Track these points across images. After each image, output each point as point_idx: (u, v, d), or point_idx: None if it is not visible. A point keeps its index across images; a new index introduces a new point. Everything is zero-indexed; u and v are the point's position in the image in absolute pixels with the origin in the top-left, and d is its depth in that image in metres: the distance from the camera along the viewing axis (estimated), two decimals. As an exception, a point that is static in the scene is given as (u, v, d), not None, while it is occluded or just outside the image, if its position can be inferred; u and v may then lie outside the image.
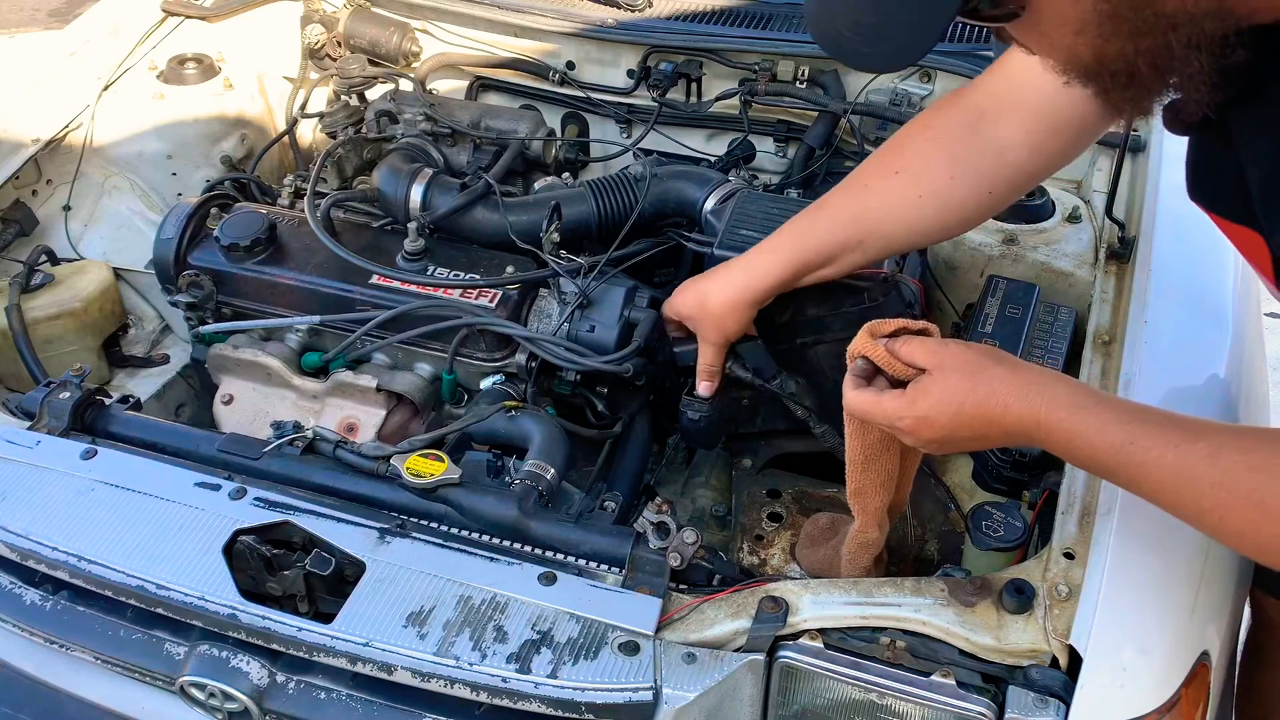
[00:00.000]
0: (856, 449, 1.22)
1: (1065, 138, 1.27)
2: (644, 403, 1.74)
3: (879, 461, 1.22)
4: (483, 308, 1.65)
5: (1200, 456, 0.96)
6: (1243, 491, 0.93)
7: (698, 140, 2.23)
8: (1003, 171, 1.30)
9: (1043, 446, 1.08)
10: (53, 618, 1.30)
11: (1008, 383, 1.06)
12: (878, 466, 1.22)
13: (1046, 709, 1.05)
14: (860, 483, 1.25)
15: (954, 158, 1.30)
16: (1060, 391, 1.05)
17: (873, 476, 1.23)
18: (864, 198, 1.37)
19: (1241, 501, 0.93)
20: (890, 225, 1.36)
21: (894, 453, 1.22)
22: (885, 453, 1.22)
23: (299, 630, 1.18)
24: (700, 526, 1.34)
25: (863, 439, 1.21)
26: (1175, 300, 1.43)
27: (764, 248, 1.41)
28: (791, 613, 1.14)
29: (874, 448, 1.21)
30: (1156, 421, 1.01)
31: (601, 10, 2.21)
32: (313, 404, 1.73)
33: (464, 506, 1.32)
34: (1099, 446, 1.01)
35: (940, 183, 1.31)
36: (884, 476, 1.24)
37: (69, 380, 1.48)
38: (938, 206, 1.33)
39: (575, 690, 1.10)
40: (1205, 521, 0.98)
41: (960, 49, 2.03)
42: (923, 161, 1.32)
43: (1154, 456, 0.98)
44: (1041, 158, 1.30)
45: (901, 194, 1.33)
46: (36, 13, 5.51)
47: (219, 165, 2.18)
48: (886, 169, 1.36)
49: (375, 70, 2.27)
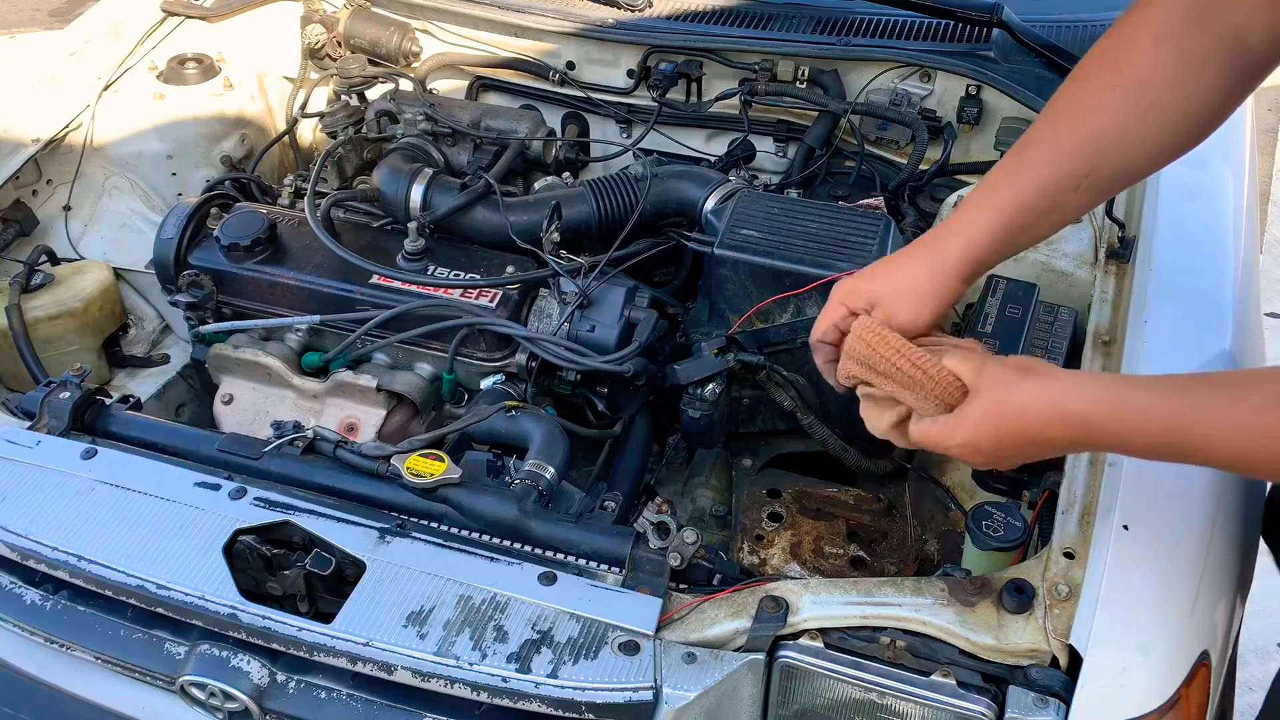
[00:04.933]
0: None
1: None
2: (644, 403, 1.74)
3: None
4: (483, 308, 1.65)
5: (1260, 407, 0.91)
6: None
7: (698, 140, 2.23)
8: (1245, 60, 1.10)
9: (1100, 449, 1.05)
10: (53, 618, 1.30)
11: (1040, 398, 1.01)
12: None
13: (1046, 709, 1.05)
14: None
15: (1187, 55, 1.09)
16: (1095, 392, 1.01)
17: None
18: (1086, 120, 1.11)
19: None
20: (1125, 148, 1.12)
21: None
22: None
23: (299, 630, 1.18)
24: (700, 526, 1.35)
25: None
26: (1175, 300, 1.42)
27: (968, 203, 1.16)
28: (791, 612, 1.14)
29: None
30: (1202, 390, 0.96)
31: (601, 10, 2.21)
32: (313, 404, 1.73)
33: (464, 506, 1.33)
34: (1153, 436, 0.97)
35: (1180, 87, 1.10)
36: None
37: (69, 380, 1.48)
38: (1179, 115, 1.11)
39: (575, 690, 1.10)
40: (1266, 471, 0.96)
41: (960, 49, 2.03)
42: (1150, 66, 1.10)
43: (1211, 426, 0.93)
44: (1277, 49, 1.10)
45: (1133, 107, 1.10)
46: (36, 13, 5.51)
47: (219, 165, 2.18)
48: (1103, 84, 1.12)
49: (375, 70, 2.27)
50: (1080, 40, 1.99)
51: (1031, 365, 1.05)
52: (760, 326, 1.60)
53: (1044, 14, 2.04)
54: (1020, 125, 1.96)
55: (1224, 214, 1.59)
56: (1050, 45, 1.95)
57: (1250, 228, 1.67)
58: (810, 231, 1.61)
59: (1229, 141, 1.75)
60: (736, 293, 1.62)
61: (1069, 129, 1.12)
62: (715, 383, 1.56)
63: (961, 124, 2.03)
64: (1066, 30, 2.02)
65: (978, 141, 2.05)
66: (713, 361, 1.56)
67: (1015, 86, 1.94)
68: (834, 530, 1.55)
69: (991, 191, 1.14)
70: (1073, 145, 1.12)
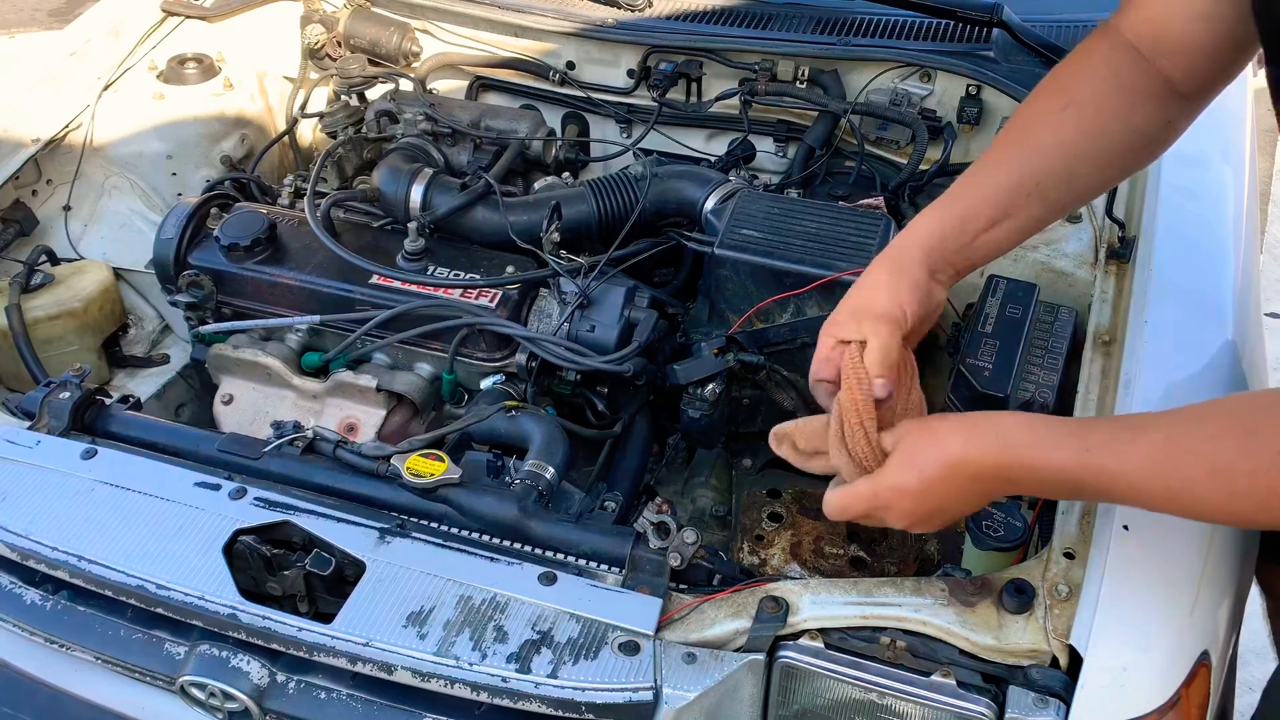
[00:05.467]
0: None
1: (1220, 61, 1.18)
2: (644, 403, 1.74)
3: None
4: (483, 308, 1.65)
5: (1158, 444, 0.97)
6: (1205, 462, 0.94)
7: (698, 140, 2.23)
8: (1176, 103, 1.21)
9: (1014, 488, 1.08)
10: (53, 618, 1.30)
11: (955, 430, 1.06)
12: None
13: (1047, 709, 1.05)
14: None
15: (1129, 89, 1.19)
16: (1008, 423, 1.06)
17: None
18: (1033, 135, 1.21)
19: (1205, 472, 0.94)
20: (1072, 162, 1.20)
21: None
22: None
23: (299, 630, 1.18)
24: (700, 526, 1.35)
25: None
26: (1175, 300, 1.42)
27: (924, 210, 1.23)
28: (792, 613, 1.14)
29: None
30: (1107, 426, 1.02)
31: (601, 10, 2.21)
32: (313, 404, 1.73)
33: (464, 506, 1.33)
34: (1060, 465, 1.01)
35: (1122, 113, 1.19)
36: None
37: (69, 380, 1.48)
38: (1124, 137, 1.21)
39: (575, 690, 1.10)
40: (1179, 503, 0.98)
41: (960, 49, 2.03)
42: (1093, 93, 1.19)
43: (1114, 458, 0.98)
44: (1207, 88, 1.21)
45: (1080, 126, 1.19)
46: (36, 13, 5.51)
47: (219, 165, 2.18)
48: (1050, 106, 1.21)
49: (375, 70, 2.27)
50: (1080, 40, 1.98)
51: (954, 414, 1.10)
52: (760, 326, 1.60)
53: (1044, 14, 2.04)
54: (1020, 125, 1.95)
55: (1224, 214, 1.59)
56: (1050, 45, 1.95)
57: (1250, 228, 1.67)
58: (810, 231, 1.61)
59: (1229, 141, 1.75)
60: (736, 293, 1.62)
61: (1019, 142, 1.21)
62: (715, 383, 1.56)
63: (961, 124, 2.03)
64: (1066, 30, 2.02)
65: (978, 141, 2.05)
66: (713, 361, 1.56)
67: (1015, 86, 1.94)
68: (834, 530, 1.55)
69: (946, 197, 1.22)
70: (1021, 157, 1.20)
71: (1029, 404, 1.44)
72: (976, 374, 1.46)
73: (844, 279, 1.52)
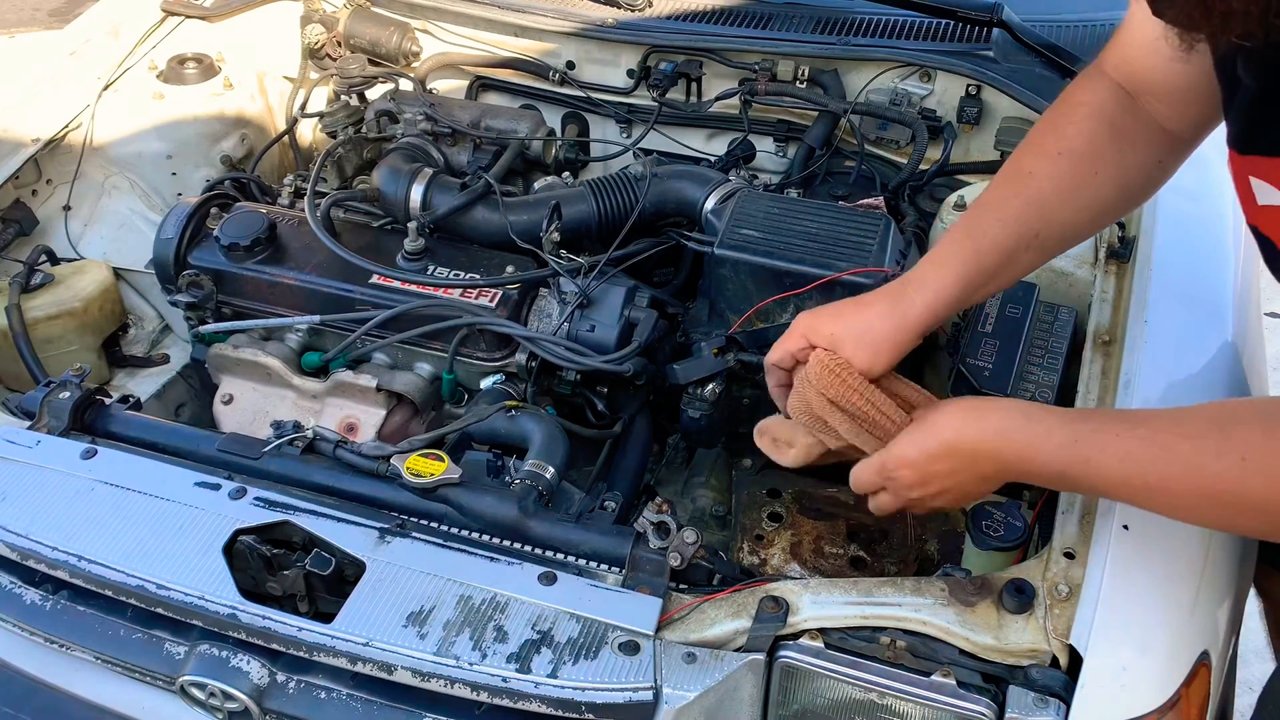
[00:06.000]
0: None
1: (1203, 102, 1.18)
2: (644, 403, 1.74)
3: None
4: (483, 307, 1.65)
5: (1140, 439, 1.00)
6: (1180, 461, 0.98)
7: (698, 140, 2.23)
8: (1168, 142, 1.23)
9: (1011, 474, 1.12)
10: (53, 618, 1.30)
11: (955, 412, 1.13)
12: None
13: (1047, 709, 1.05)
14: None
15: (1121, 133, 1.21)
16: (1007, 409, 1.11)
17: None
18: (1031, 184, 1.23)
19: (1180, 471, 0.98)
20: (1069, 212, 1.23)
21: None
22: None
23: (299, 630, 1.18)
24: (700, 526, 1.34)
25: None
26: (1175, 300, 1.43)
27: (930, 261, 1.25)
28: (792, 613, 1.14)
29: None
30: (1098, 418, 1.07)
31: (601, 10, 2.21)
32: (313, 404, 1.73)
33: (464, 506, 1.32)
34: (1048, 453, 1.06)
35: (1115, 157, 1.21)
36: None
37: (69, 380, 1.48)
38: (1118, 180, 1.23)
39: (575, 690, 1.10)
40: (1156, 500, 1.02)
41: (960, 49, 2.03)
42: (1087, 139, 1.21)
43: (1098, 450, 1.02)
44: (1196, 127, 1.22)
45: (1076, 174, 1.21)
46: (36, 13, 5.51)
47: (219, 165, 2.18)
48: (1048, 151, 1.23)
49: (375, 70, 2.27)
50: (1080, 40, 1.99)
51: (977, 405, 1.15)
52: (760, 326, 1.60)
53: (1044, 14, 2.04)
54: (1020, 125, 1.96)
55: (1224, 214, 1.59)
56: (1050, 45, 1.95)
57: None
58: (810, 231, 1.61)
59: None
60: (736, 293, 1.62)
61: (1019, 194, 1.23)
62: (715, 383, 1.56)
63: (961, 124, 2.03)
64: (1066, 30, 2.02)
65: (978, 141, 2.05)
66: (713, 361, 1.56)
67: (1015, 86, 1.94)
68: (834, 530, 1.55)
69: (952, 250, 1.24)
70: (1021, 210, 1.23)
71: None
72: (976, 374, 1.46)
73: (844, 279, 1.52)
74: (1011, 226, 1.22)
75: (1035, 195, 1.22)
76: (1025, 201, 1.22)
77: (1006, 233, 1.22)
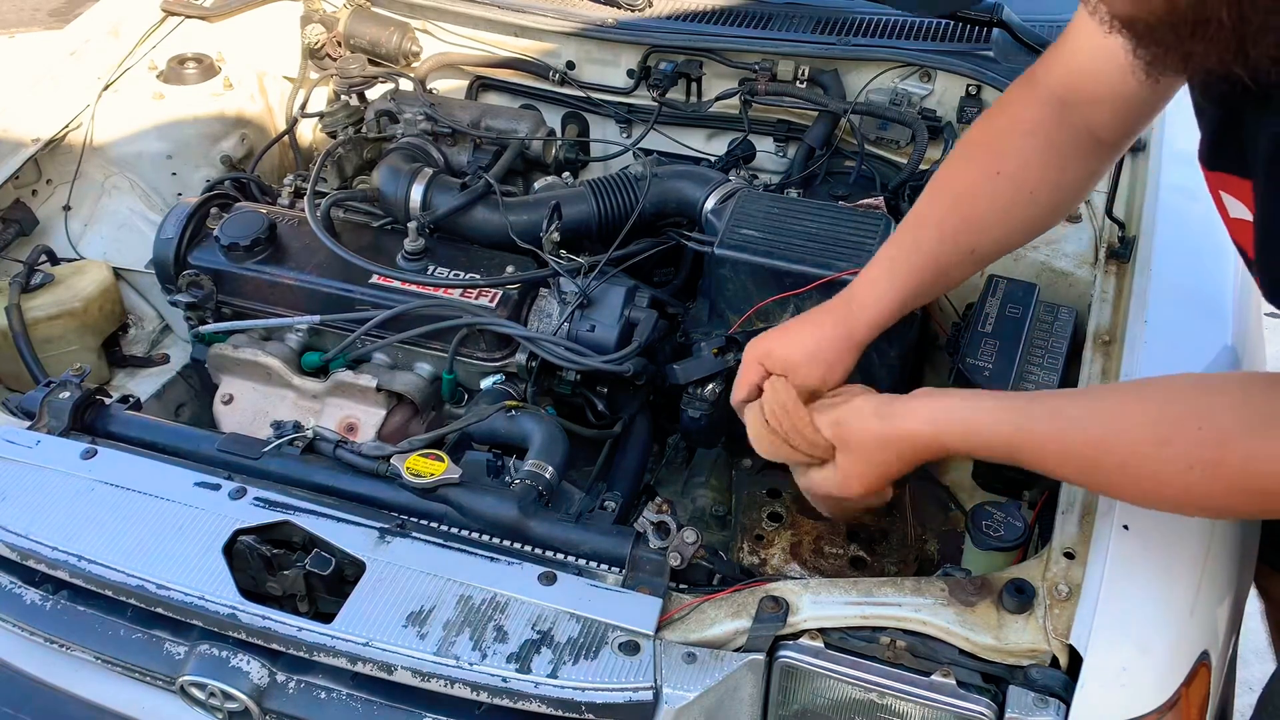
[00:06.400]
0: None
1: (1145, 109, 1.25)
2: (644, 403, 1.74)
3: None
4: (483, 307, 1.65)
5: (1082, 412, 1.05)
6: (1124, 434, 1.01)
7: (698, 140, 2.23)
8: (1103, 151, 1.28)
9: (947, 450, 1.18)
10: (53, 618, 1.30)
11: (903, 443, 1.18)
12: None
13: (1047, 709, 1.04)
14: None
15: (1055, 146, 1.26)
16: (949, 397, 1.17)
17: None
18: (970, 204, 1.29)
19: (1118, 441, 1.02)
20: (1004, 227, 1.30)
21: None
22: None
23: (299, 630, 1.18)
24: (700, 526, 1.34)
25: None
26: (1175, 300, 1.43)
27: (869, 278, 1.32)
28: (792, 612, 1.14)
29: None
30: (1041, 399, 1.12)
31: (601, 10, 2.21)
32: (313, 404, 1.73)
33: (464, 506, 1.32)
34: (996, 435, 1.12)
35: (1051, 174, 1.27)
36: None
37: (69, 380, 1.48)
38: (1051, 197, 1.29)
39: (575, 690, 1.10)
40: (1099, 474, 1.07)
41: (960, 49, 2.03)
42: (1023, 158, 1.27)
43: (1041, 430, 1.08)
44: (1129, 134, 1.28)
45: (1013, 194, 1.27)
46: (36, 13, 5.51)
47: (219, 165, 2.18)
48: (985, 172, 1.28)
49: (375, 70, 2.27)
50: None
51: (885, 409, 1.21)
52: (760, 326, 1.60)
53: (1044, 14, 2.04)
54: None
55: (1224, 214, 1.59)
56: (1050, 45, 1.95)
57: (1250, 228, 1.67)
58: (810, 231, 1.61)
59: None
60: (736, 293, 1.62)
61: (956, 212, 1.29)
62: (715, 383, 1.56)
63: (961, 124, 2.03)
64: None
65: (978, 141, 2.05)
66: (713, 361, 1.56)
67: (1015, 86, 1.94)
68: (834, 530, 1.55)
69: (891, 267, 1.31)
70: (957, 228, 1.29)
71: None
72: (976, 374, 1.46)
73: (844, 279, 1.52)
74: (949, 244, 1.29)
75: (972, 214, 1.29)
76: (962, 219, 1.29)
77: (944, 249, 1.29)
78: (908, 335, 1.61)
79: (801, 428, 1.23)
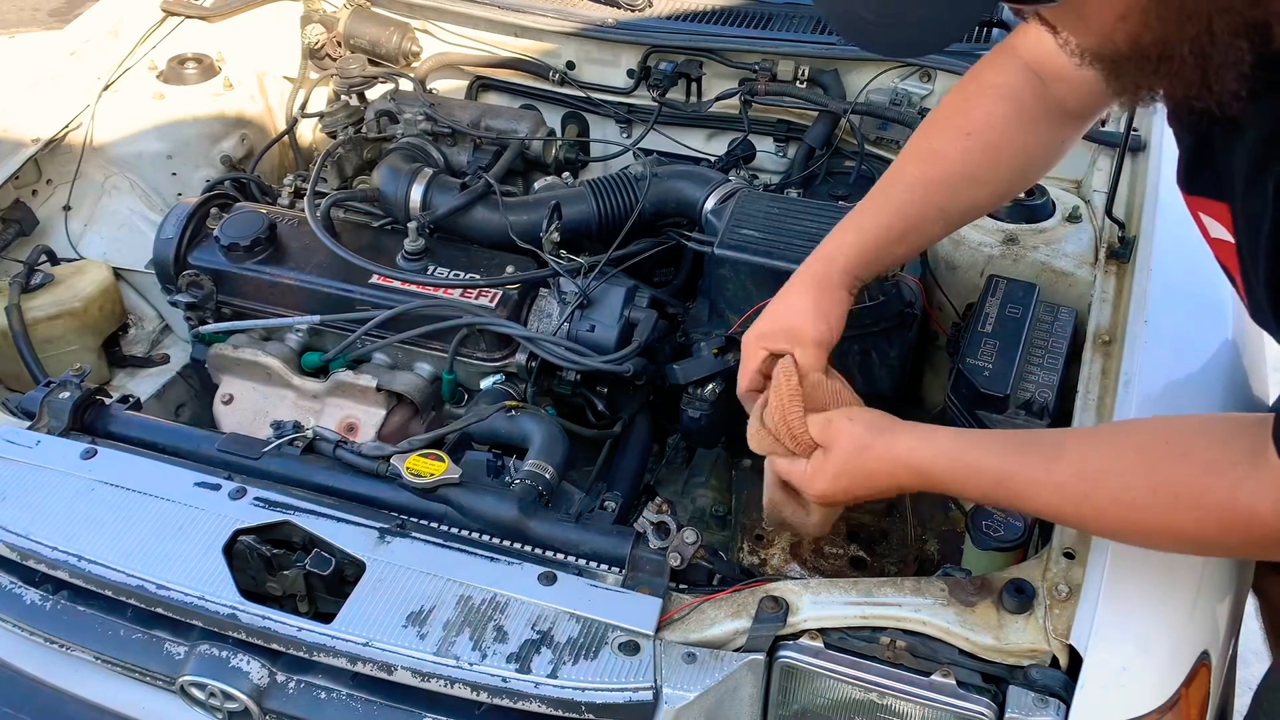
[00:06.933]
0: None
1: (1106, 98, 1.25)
2: (644, 403, 1.74)
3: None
4: (483, 307, 1.65)
5: (1068, 475, 1.04)
6: (1108, 492, 1.02)
7: (698, 140, 2.23)
8: (1071, 122, 1.30)
9: (940, 492, 1.18)
10: (53, 618, 1.30)
11: (890, 453, 1.15)
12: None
13: (1047, 708, 1.04)
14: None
15: (1025, 113, 1.27)
16: (939, 446, 1.13)
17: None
18: (941, 164, 1.30)
19: (1109, 503, 1.02)
20: (971, 188, 1.31)
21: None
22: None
23: (299, 630, 1.18)
24: (700, 526, 1.34)
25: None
26: (1175, 300, 1.42)
27: (841, 229, 1.33)
28: (792, 612, 1.14)
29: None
30: (1028, 451, 1.09)
31: (601, 10, 2.21)
32: (313, 404, 1.73)
33: (464, 506, 1.32)
34: (984, 487, 1.11)
35: (1018, 138, 1.28)
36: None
37: (69, 380, 1.48)
38: (1018, 160, 1.31)
39: (575, 690, 1.10)
40: (1088, 528, 1.11)
41: (961, 48, 2.03)
42: (991, 121, 1.28)
43: (1029, 486, 1.07)
44: (1096, 110, 1.30)
45: (980, 155, 1.29)
46: (36, 13, 5.51)
47: (219, 165, 2.18)
48: (956, 132, 1.30)
49: (375, 70, 2.27)
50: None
51: (883, 424, 1.18)
52: (760, 326, 1.60)
53: (1044, 14, 2.04)
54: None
55: (1224, 214, 1.59)
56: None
57: (1250, 228, 1.66)
58: (810, 231, 1.61)
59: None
60: (736, 293, 1.63)
61: (928, 171, 1.31)
62: (715, 383, 1.56)
63: (961, 124, 2.03)
64: (1066, 30, 2.02)
65: (978, 141, 2.05)
66: (713, 361, 1.56)
67: (1015, 86, 1.94)
68: (834, 530, 1.55)
69: (859, 219, 1.32)
70: (926, 185, 1.30)
71: (1029, 404, 1.44)
72: (976, 374, 1.46)
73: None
74: (917, 200, 1.30)
75: (942, 175, 1.29)
76: (930, 178, 1.30)
77: (912, 205, 1.30)
78: (908, 335, 1.61)
79: (791, 418, 1.22)
